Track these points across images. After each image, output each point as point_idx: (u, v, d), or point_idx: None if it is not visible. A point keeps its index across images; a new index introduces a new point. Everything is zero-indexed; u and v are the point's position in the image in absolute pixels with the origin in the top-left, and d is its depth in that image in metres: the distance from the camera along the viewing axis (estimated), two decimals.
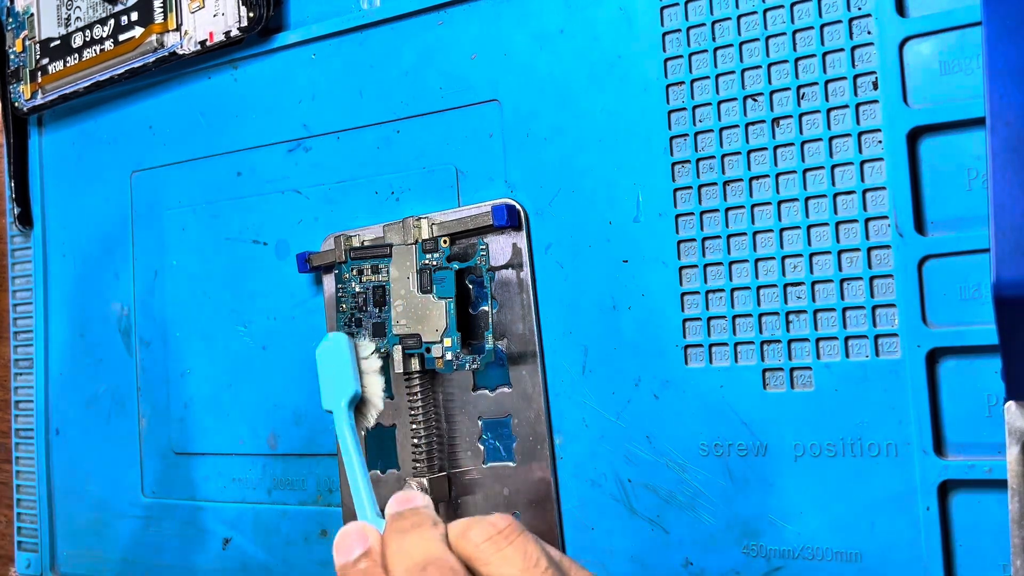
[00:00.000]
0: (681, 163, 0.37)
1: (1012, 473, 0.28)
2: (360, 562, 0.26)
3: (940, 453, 0.33)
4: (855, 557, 0.34)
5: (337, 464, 0.45)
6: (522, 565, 0.24)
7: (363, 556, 0.26)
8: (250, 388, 0.48)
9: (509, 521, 0.26)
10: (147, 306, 0.51)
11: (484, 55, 0.42)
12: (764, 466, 0.36)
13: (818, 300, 0.35)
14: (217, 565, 0.49)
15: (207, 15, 0.47)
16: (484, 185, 0.42)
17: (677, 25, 0.37)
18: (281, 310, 0.47)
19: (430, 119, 0.43)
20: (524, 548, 0.25)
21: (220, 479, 0.49)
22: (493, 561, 0.24)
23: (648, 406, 0.38)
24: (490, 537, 0.25)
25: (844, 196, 0.34)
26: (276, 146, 0.47)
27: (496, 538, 0.25)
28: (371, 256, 0.42)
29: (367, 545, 0.26)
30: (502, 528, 0.25)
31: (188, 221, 0.50)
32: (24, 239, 0.56)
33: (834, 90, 0.34)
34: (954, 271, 0.33)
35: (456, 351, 0.40)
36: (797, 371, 0.35)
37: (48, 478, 0.55)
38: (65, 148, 0.55)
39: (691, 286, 0.37)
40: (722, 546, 0.36)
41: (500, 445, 0.41)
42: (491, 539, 0.25)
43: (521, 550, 0.24)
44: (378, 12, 0.44)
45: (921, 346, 0.33)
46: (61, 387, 0.55)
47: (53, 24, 0.54)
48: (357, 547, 0.26)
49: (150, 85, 0.51)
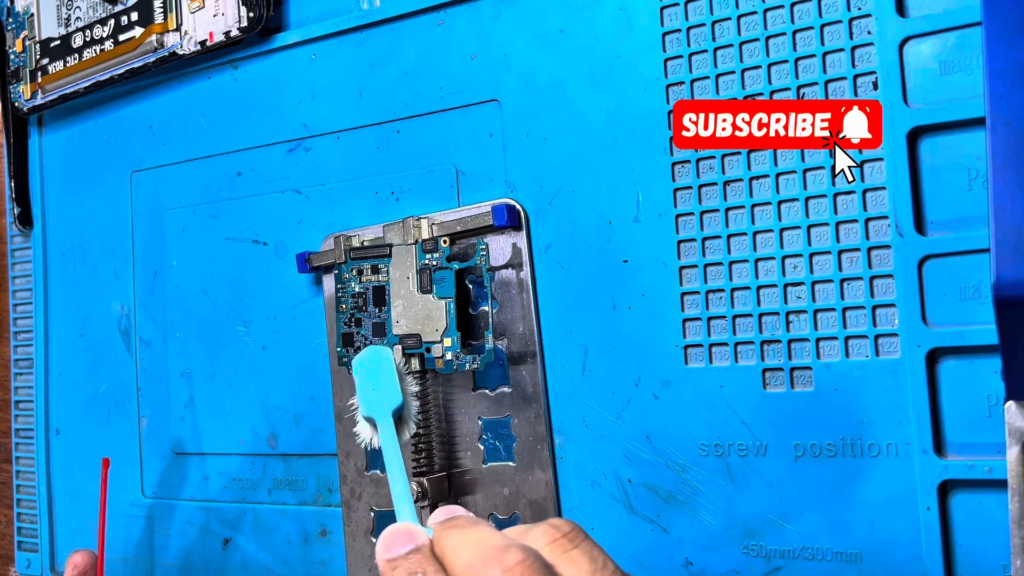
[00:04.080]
0: (681, 163, 0.37)
1: (1012, 473, 0.28)
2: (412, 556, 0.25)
3: (940, 453, 0.33)
4: (855, 557, 0.34)
5: (337, 464, 0.45)
6: (589, 568, 0.23)
7: (414, 551, 0.25)
8: (250, 388, 0.48)
9: (573, 525, 0.25)
10: (147, 306, 0.51)
11: (484, 55, 0.42)
12: (764, 466, 0.36)
13: (818, 300, 0.35)
14: (217, 565, 0.49)
15: (207, 15, 0.47)
16: (484, 185, 0.42)
17: (677, 25, 0.37)
18: (281, 310, 0.47)
19: (430, 119, 0.43)
20: (591, 551, 0.24)
21: (220, 479, 0.49)
22: (559, 563, 0.24)
23: (648, 406, 0.38)
24: (555, 539, 0.24)
25: (844, 196, 0.34)
26: (276, 146, 0.47)
27: (561, 540, 0.24)
28: (371, 256, 0.42)
29: (417, 542, 0.25)
30: (567, 531, 0.24)
31: (188, 221, 0.50)
32: (24, 239, 0.56)
33: (834, 90, 0.34)
34: (954, 271, 0.33)
35: (456, 351, 0.40)
36: (797, 371, 0.35)
37: (48, 478, 0.55)
38: (65, 148, 0.55)
39: (691, 286, 0.37)
40: (722, 546, 0.36)
41: (500, 445, 0.41)
42: (556, 541, 0.24)
43: (588, 553, 0.24)
44: (378, 12, 0.44)
45: (921, 346, 0.33)
46: (61, 387, 0.55)
47: (53, 24, 0.54)
48: (407, 543, 0.25)
49: (150, 85, 0.51)
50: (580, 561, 0.24)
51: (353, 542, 0.44)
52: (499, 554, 0.23)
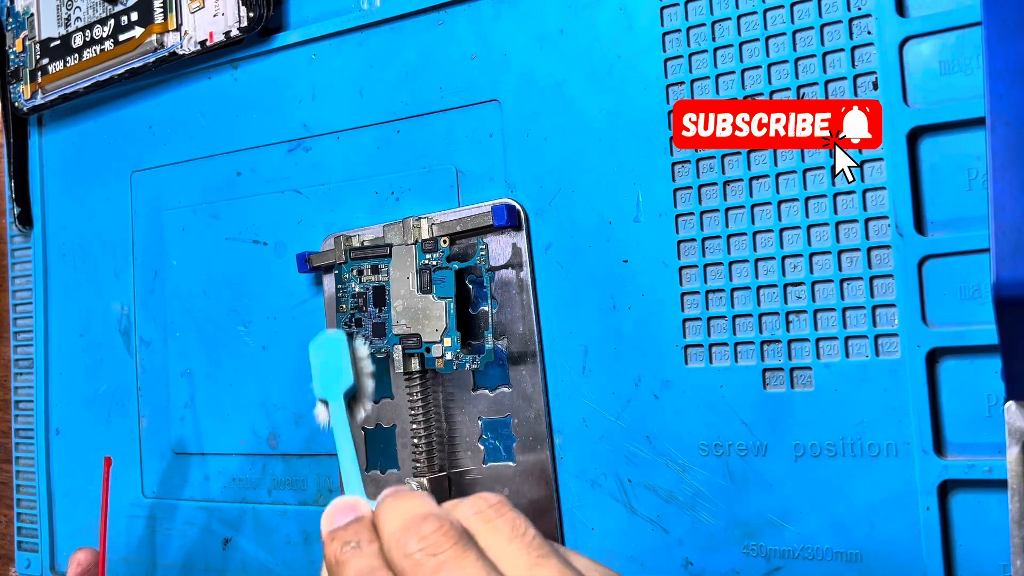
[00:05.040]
0: (681, 163, 0.37)
1: (1012, 473, 0.28)
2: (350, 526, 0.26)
3: (940, 453, 0.33)
4: (855, 557, 0.34)
5: (337, 464, 0.45)
6: (510, 535, 0.24)
7: (354, 521, 0.26)
8: (250, 388, 0.48)
9: (500, 497, 0.26)
10: (147, 306, 0.51)
11: (484, 55, 0.42)
12: (764, 466, 0.36)
13: (818, 300, 0.35)
14: (217, 565, 0.49)
15: (207, 15, 0.47)
16: (484, 185, 0.42)
17: (677, 25, 0.37)
18: (281, 310, 0.47)
19: (430, 119, 0.43)
20: (513, 521, 0.25)
21: (220, 479, 0.49)
22: (481, 532, 0.25)
23: (648, 406, 0.38)
24: (480, 510, 0.25)
25: (844, 196, 0.34)
26: (276, 146, 0.47)
27: (486, 511, 0.25)
28: (371, 256, 0.42)
29: (358, 512, 0.26)
30: (493, 503, 0.25)
31: (188, 221, 0.50)
32: (24, 239, 0.56)
33: (834, 90, 0.34)
34: (954, 271, 0.33)
35: (456, 351, 0.40)
36: (797, 371, 0.35)
37: (48, 478, 0.55)
38: (65, 148, 0.55)
39: (691, 286, 0.37)
40: (722, 546, 0.36)
41: (500, 445, 0.41)
42: (480, 512, 0.25)
43: (511, 523, 0.25)
44: (378, 12, 0.44)
45: (921, 346, 0.33)
46: (61, 387, 0.55)
47: (53, 24, 0.54)
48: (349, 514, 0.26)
49: (150, 85, 0.51)
50: (502, 529, 0.24)
51: None
52: (418, 522, 0.24)
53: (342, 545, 0.25)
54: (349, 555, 0.25)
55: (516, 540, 0.24)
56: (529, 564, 0.24)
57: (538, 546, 0.24)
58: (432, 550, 0.24)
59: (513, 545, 0.24)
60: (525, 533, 0.24)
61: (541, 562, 0.24)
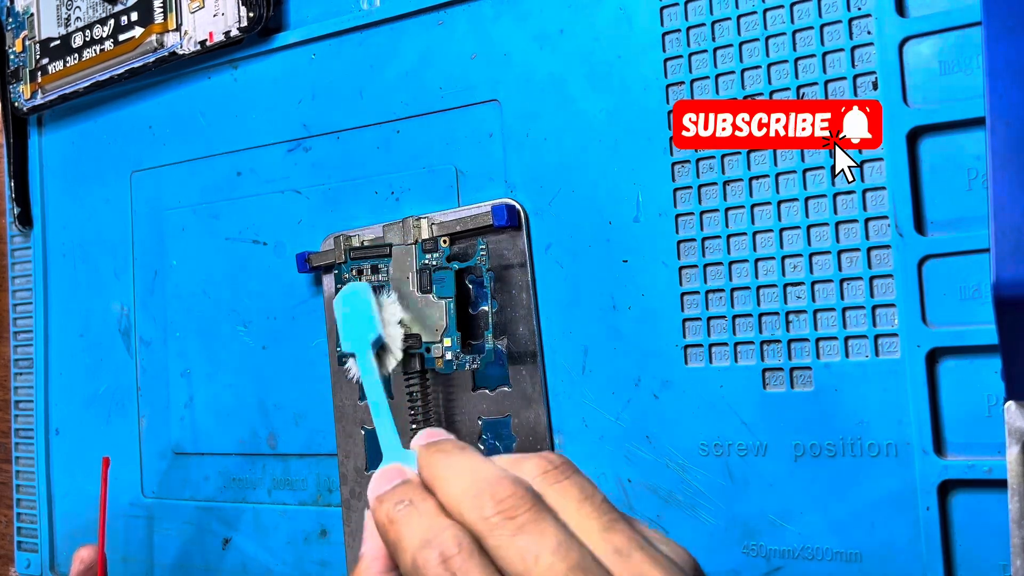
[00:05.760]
0: (681, 163, 0.37)
1: (1012, 473, 0.28)
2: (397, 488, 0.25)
3: (940, 453, 0.33)
4: (855, 557, 0.34)
5: (337, 464, 0.45)
6: (579, 497, 0.24)
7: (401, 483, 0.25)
8: (250, 388, 0.48)
9: (564, 459, 0.25)
10: (147, 306, 0.51)
11: (484, 55, 0.42)
12: (764, 466, 0.36)
13: (818, 300, 0.35)
14: (216, 565, 0.49)
15: (207, 15, 0.47)
16: (484, 185, 0.42)
17: (677, 25, 0.37)
18: (281, 310, 0.47)
19: (430, 119, 0.43)
20: (581, 483, 0.24)
21: (220, 479, 0.49)
22: (548, 494, 0.24)
23: (648, 406, 0.38)
24: (546, 471, 0.24)
25: (844, 196, 0.34)
26: (276, 146, 0.47)
27: (553, 472, 0.24)
28: (371, 256, 0.42)
29: (404, 476, 0.25)
30: (558, 464, 0.24)
31: (188, 221, 0.50)
32: (24, 239, 0.56)
33: (834, 90, 0.34)
34: (954, 271, 0.33)
35: (456, 351, 0.40)
36: (797, 371, 0.35)
37: (48, 478, 0.55)
38: (65, 148, 0.55)
39: (691, 286, 0.37)
40: (722, 546, 0.36)
41: (500, 445, 0.41)
42: (547, 472, 0.24)
43: (578, 485, 0.24)
44: (378, 12, 0.44)
45: (921, 346, 0.33)
46: (61, 387, 0.55)
47: (53, 24, 0.54)
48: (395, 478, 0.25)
49: (150, 85, 0.51)
50: (570, 492, 0.24)
51: (353, 542, 0.44)
52: (491, 485, 0.23)
53: (394, 504, 0.24)
54: (404, 512, 0.24)
55: (586, 503, 0.23)
56: (601, 527, 0.23)
57: (608, 510, 0.23)
58: (511, 512, 0.23)
59: (584, 509, 0.23)
60: (594, 496, 0.24)
61: (613, 526, 0.23)
